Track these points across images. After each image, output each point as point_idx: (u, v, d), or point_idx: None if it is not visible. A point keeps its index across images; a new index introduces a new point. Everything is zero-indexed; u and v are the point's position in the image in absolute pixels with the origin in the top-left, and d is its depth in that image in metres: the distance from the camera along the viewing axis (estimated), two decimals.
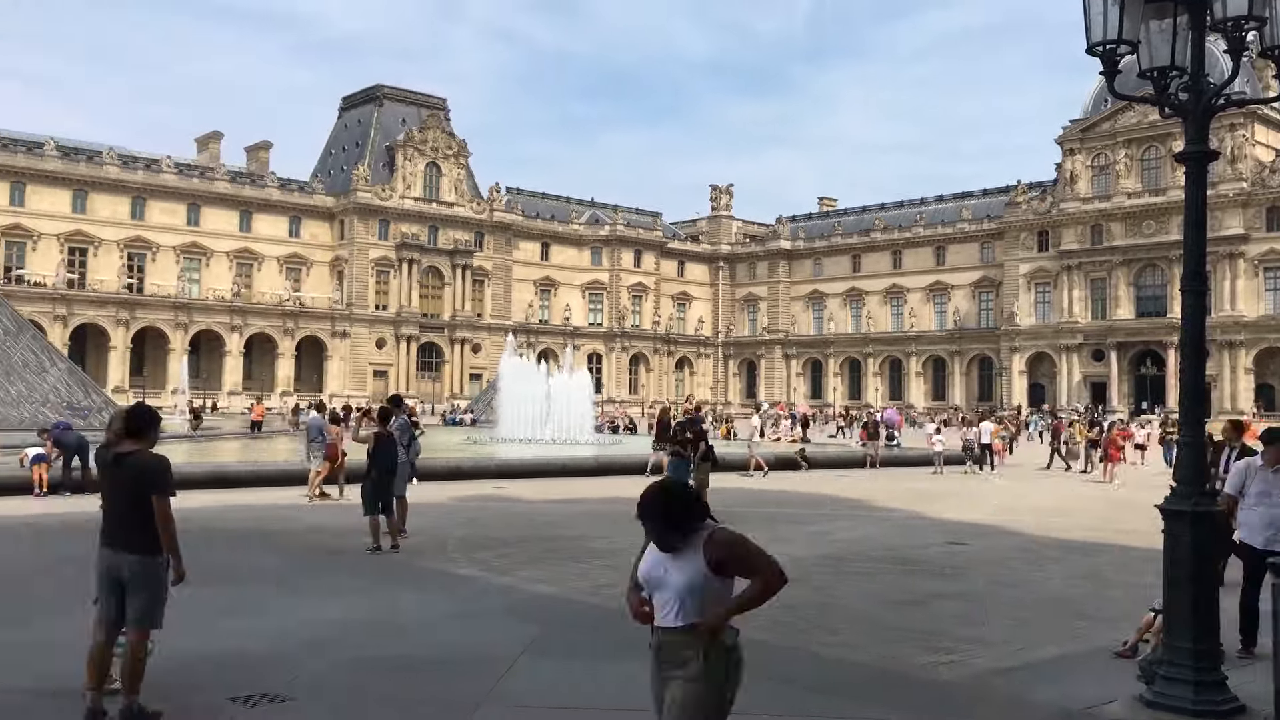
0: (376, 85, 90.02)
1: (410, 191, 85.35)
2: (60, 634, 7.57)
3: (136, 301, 73.75)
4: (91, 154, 75.91)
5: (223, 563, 11.35)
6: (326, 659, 7.25)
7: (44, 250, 71.78)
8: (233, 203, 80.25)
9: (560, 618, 8.85)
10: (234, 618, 8.58)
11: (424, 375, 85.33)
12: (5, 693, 6.39)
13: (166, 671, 6.86)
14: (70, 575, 8.92)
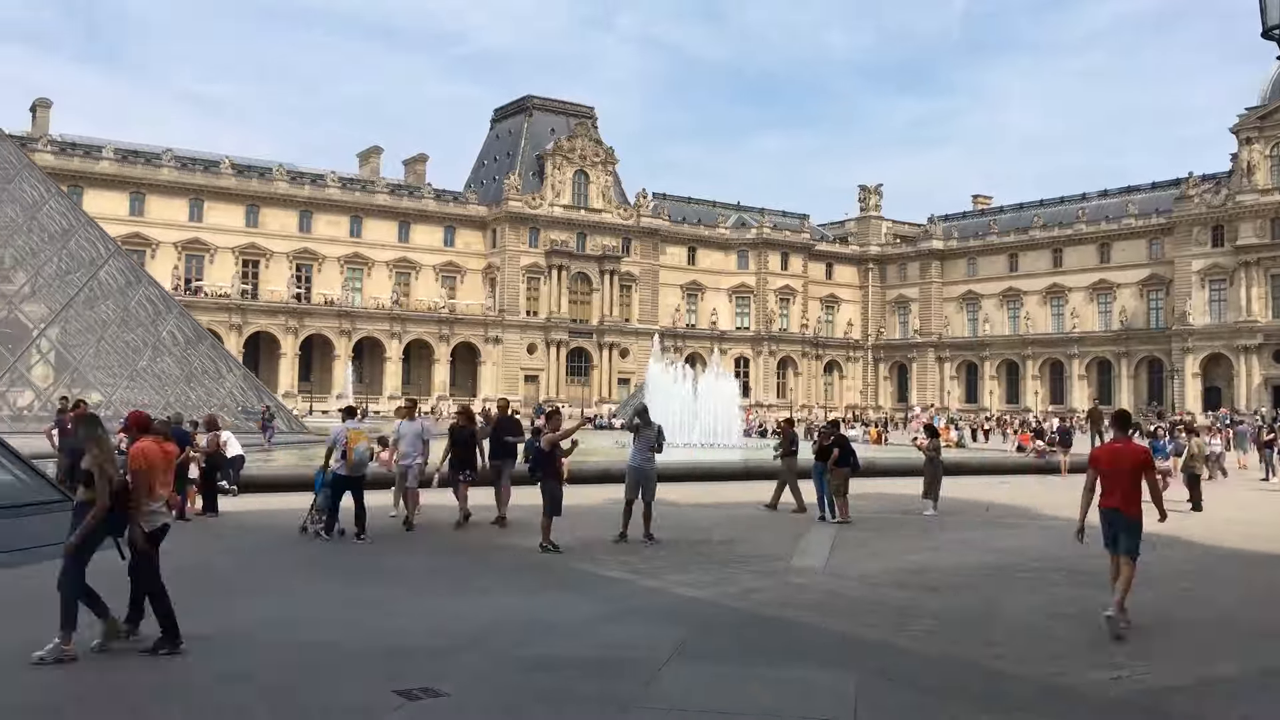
0: (527, 96, 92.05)
1: (559, 199, 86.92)
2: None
3: (304, 310, 77.43)
4: (263, 171, 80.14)
5: (385, 562, 11.77)
6: (482, 655, 7.42)
7: (220, 263, 76.13)
8: (392, 214, 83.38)
9: (709, 622, 8.82)
10: (397, 613, 8.87)
11: (573, 380, 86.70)
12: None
13: (334, 662, 7.14)
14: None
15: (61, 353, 33.77)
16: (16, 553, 10.42)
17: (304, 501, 14.53)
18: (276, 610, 8.96)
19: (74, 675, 6.78)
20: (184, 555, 11.72)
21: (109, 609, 7.31)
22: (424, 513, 15.12)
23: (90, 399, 33.73)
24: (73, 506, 7.48)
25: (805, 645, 8.02)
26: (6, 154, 32.20)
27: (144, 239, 72.29)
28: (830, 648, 7.95)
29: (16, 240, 32.79)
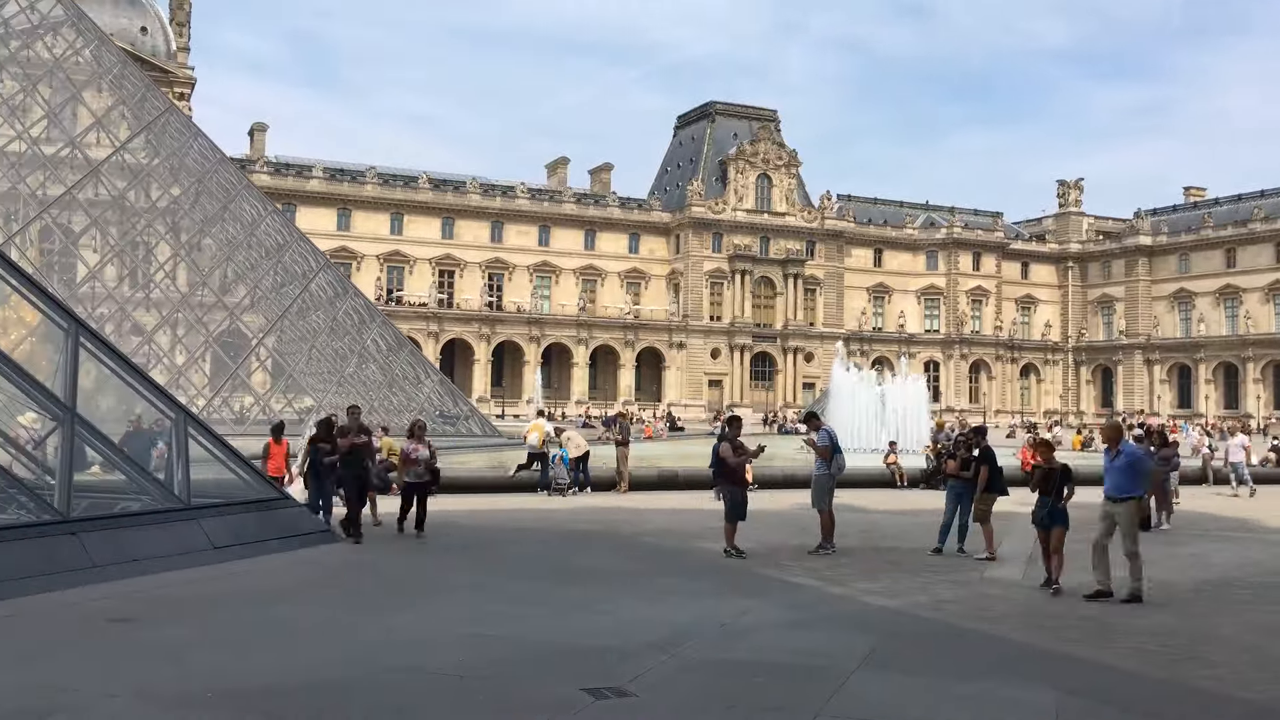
0: (709, 102, 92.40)
1: (742, 204, 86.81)
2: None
3: (496, 318, 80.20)
4: (457, 185, 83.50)
5: (574, 562, 12.02)
6: (669, 658, 7.46)
7: (419, 274, 79.79)
8: (578, 223, 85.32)
9: (899, 631, 8.59)
10: (586, 613, 9.04)
11: (757, 384, 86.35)
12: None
13: (524, 658, 7.35)
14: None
15: (277, 360, 36.12)
16: (248, 545, 11.22)
17: (499, 503, 15.05)
18: (470, 607, 9.29)
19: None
20: (387, 554, 12.31)
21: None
22: (603, 514, 15.37)
23: (303, 403, 35.99)
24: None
25: (1001, 659, 7.70)
26: (228, 176, 34.71)
27: (350, 252, 76.54)
28: (1028, 663, 7.61)
29: (237, 256, 35.31)
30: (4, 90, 33.28)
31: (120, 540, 10.19)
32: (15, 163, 33.69)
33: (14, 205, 34.39)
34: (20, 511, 9.94)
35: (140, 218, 35.29)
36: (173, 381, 30.94)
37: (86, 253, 35.09)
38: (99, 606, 8.64)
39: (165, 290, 36.74)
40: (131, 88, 33.84)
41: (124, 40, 61.47)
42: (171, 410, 11.85)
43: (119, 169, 32.93)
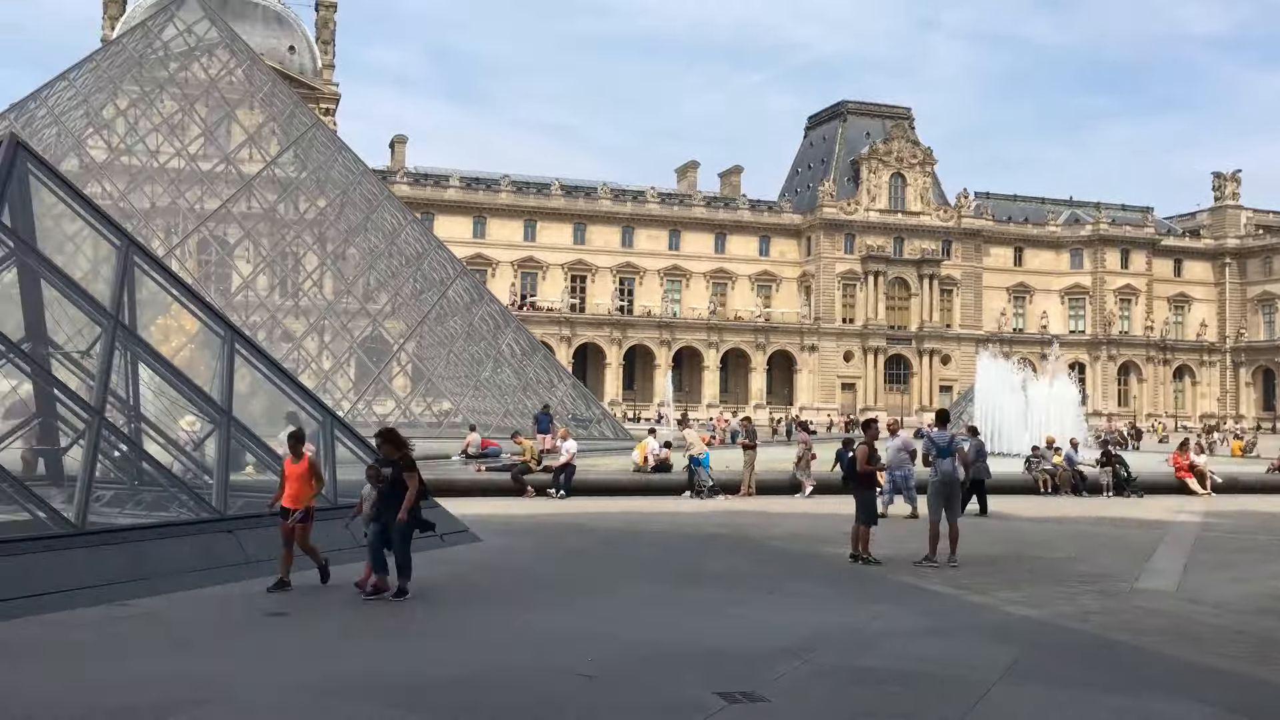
0: (841, 101, 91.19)
1: (875, 204, 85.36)
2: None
3: (627, 322, 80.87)
4: (588, 191, 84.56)
5: (704, 565, 12.03)
6: (802, 664, 7.40)
7: (551, 279, 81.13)
8: (708, 226, 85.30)
9: (1042, 643, 8.30)
10: (716, 617, 9.04)
11: (892, 387, 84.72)
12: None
13: (656, 660, 7.39)
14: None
15: (417, 365, 37.26)
16: None
17: (630, 505, 15.13)
18: (601, 608, 9.39)
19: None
20: (523, 556, 12.55)
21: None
22: (731, 518, 15.31)
23: (441, 407, 37.02)
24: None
25: (1152, 673, 7.36)
26: (371, 187, 36.00)
27: (485, 259, 78.34)
28: (1181, 677, 7.26)
29: (379, 264, 36.56)
30: (164, 110, 35.30)
31: (272, 537, 10.67)
32: (175, 179, 35.68)
33: (174, 219, 36.42)
34: (181, 509, 10.52)
35: (289, 229, 36.93)
36: (320, 385, 32.22)
37: (240, 263, 36.92)
38: (255, 601, 9.07)
39: (313, 298, 38.32)
40: (281, 105, 35.44)
41: (273, 59, 64.42)
42: (319, 413, 12.35)
43: (270, 183, 34.54)
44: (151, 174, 35.47)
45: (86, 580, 8.72)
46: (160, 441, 11.45)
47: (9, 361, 10.04)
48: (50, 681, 6.52)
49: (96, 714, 5.91)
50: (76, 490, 9.47)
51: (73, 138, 33.23)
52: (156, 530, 10.09)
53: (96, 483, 9.73)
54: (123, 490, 11.44)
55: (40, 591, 8.32)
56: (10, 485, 9.24)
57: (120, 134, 35.06)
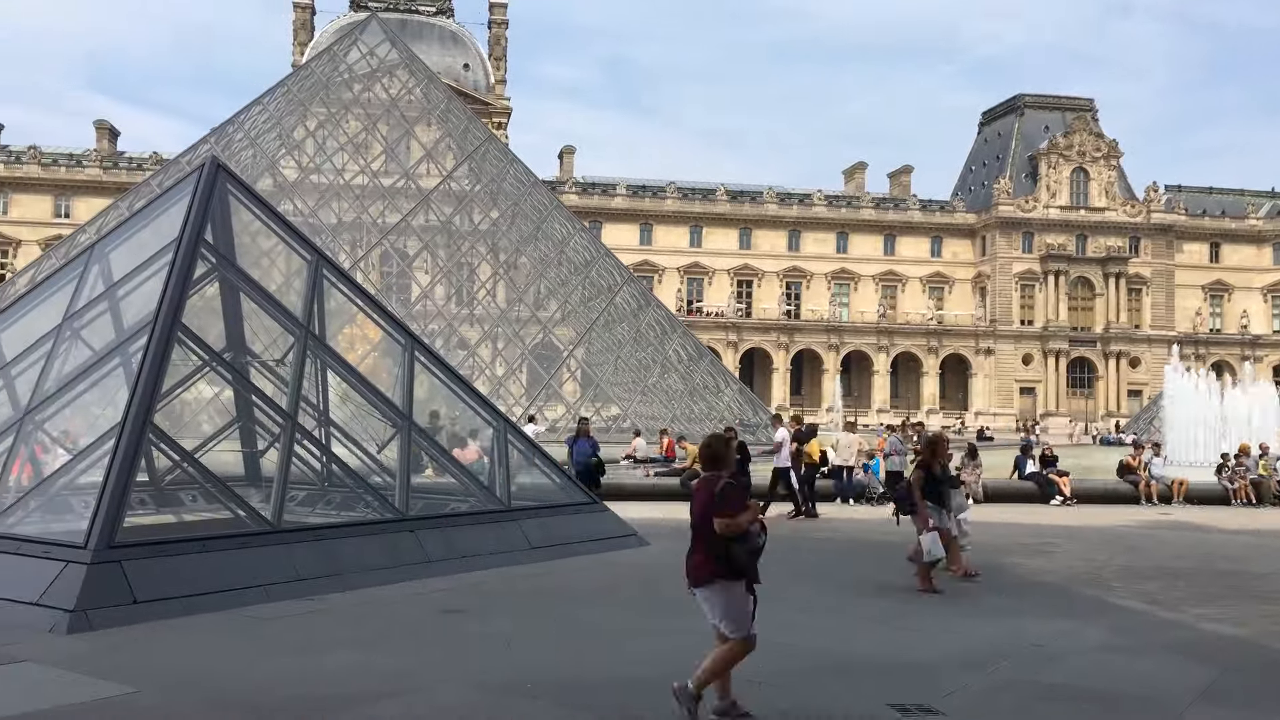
0: (1017, 95, 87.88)
1: (1054, 200, 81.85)
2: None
3: (794, 326, 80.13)
4: (754, 195, 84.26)
5: (874, 573, 11.78)
6: (982, 677, 7.15)
7: (717, 284, 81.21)
8: (877, 228, 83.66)
9: (1244, 663, 7.76)
10: (888, 627, 8.84)
11: (1074, 392, 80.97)
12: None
13: (824, 670, 7.28)
14: None
15: (586, 371, 37.93)
16: (561, 546, 11.88)
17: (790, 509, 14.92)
18: (767, 615, 9.30)
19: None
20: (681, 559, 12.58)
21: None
22: (909, 526, 14.89)
23: (609, 412, 37.56)
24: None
25: None
26: (541, 198, 36.94)
27: (651, 265, 79.11)
28: None
29: (549, 272, 37.45)
30: (349, 130, 37.20)
31: (451, 538, 11.07)
32: (359, 195, 37.53)
33: (359, 233, 38.28)
34: (367, 510, 11.03)
35: (464, 240, 38.25)
36: (493, 392, 33.24)
37: (419, 274, 38.48)
38: (434, 598, 9.42)
39: (486, 306, 39.58)
40: (456, 121, 36.79)
41: (449, 77, 66.90)
42: (493, 419, 12.74)
43: (446, 196, 35.90)
44: (338, 191, 37.43)
45: (282, 575, 9.25)
46: (347, 444, 12.04)
47: (212, 369, 10.75)
48: (256, 670, 6.95)
49: (300, 702, 6.26)
50: (273, 490, 10.05)
51: (267, 158, 35.40)
52: (345, 529, 10.61)
53: (290, 483, 10.31)
54: (313, 490, 12.07)
55: (241, 585, 8.88)
56: (214, 485, 9.89)
57: (309, 154, 37.15)
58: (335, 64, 36.67)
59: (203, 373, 10.69)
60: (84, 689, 6.32)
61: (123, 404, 9.18)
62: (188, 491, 11.81)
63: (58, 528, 9.26)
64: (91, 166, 75.20)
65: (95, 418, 10.31)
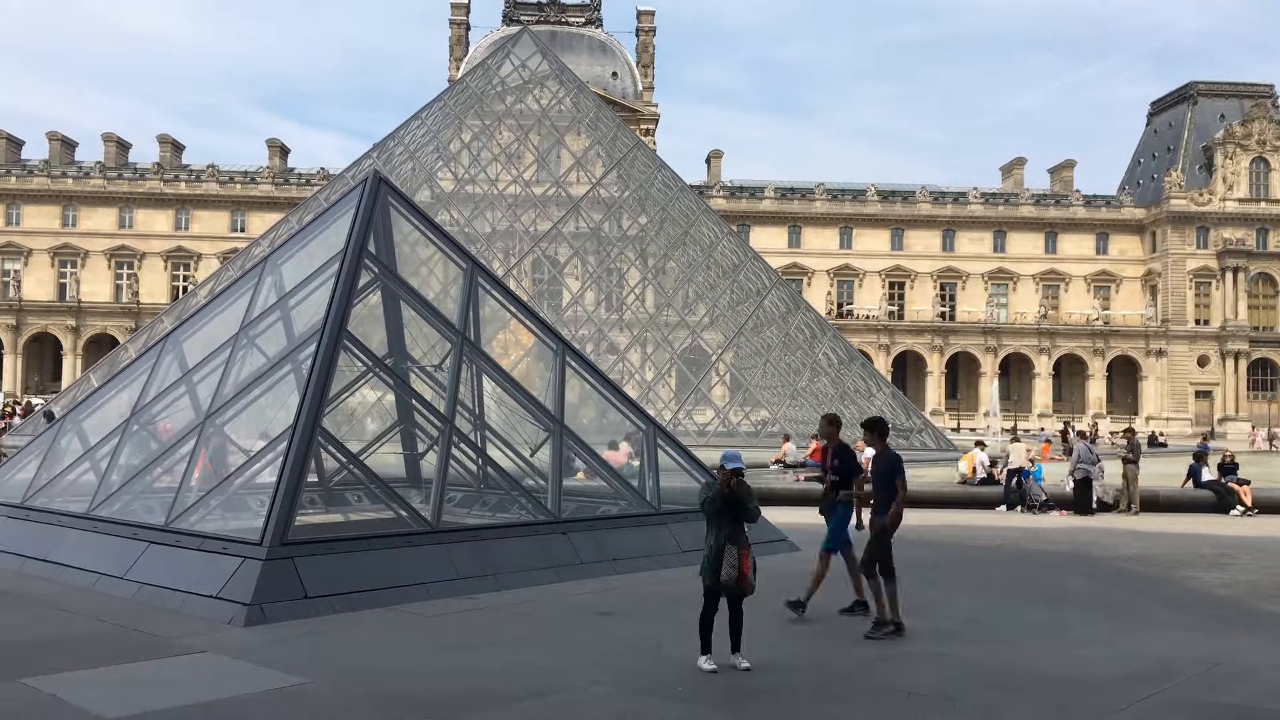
0: (1189, 83, 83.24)
1: (1232, 193, 77.13)
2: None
3: (949, 328, 77.92)
4: (906, 195, 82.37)
5: (1042, 584, 11.35)
6: (1153, 695, 6.79)
7: (868, 286, 79.72)
8: (1037, 225, 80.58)
9: None
10: (1056, 639, 8.50)
11: (1256, 396, 76.08)
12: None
13: (989, 682, 7.04)
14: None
15: (735, 375, 37.85)
16: None
17: (955, 519, 14.55)
18: (939, 624, 9.07)
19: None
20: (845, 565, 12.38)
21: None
22: (1068, 535, 14.31)
23: (758, 416, 37.36)
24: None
25: None
26: (689, 203, 37.06)
27: (800, 268, 78.32)
28: None
29: (697, 277, 37.53)
30: (502, 141, 38.18)
31: (602, 540, 11.22)
32: (512, 204, 38.48)
33: (511, 241, 39.24)
34: (520, 512, 11.29)
35: (613, 246, 38.73)
36: (643, 396, 33.52)
37: (570, 280, 39.16)
38: (587, 600, 9.55)
39: (635, 312, 39.95)
40: (605, 129, 37.29)
41: (598, 86, 67.92)
42: (643, 423, 12.84)
43: (595, 203, 36.43)
44: (491, 200, 38.46)
45: (441, 574, 9.55)
46: (501, 447, 12.35)
47: (375, 375, 11.20)
48: (419, 665, 7.20)
49: (460, 698, 6.46)
50: (432, 491, 10.40)
51: (425, 171, 36.68)
52: (500, 530, 10.89)
53: (447, 485, 10.63)
54: (470, 492, 12.43)
55: (403, 583, 9.22)
56: (377, 486, 10.29)
57: (465, 165, 38.31)
58: (488, 77, 37.71)
59: (366, 378, 11.15)
60: (260, 679, 6.67)
61: (294, 408, 9.66)
62: (353, 492, 12.35)
63: (235, 525, 9.82)
64: (264, 183, 79.45)
65: (269, 421, 10.87)
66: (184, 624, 8.04)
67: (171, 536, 9.42)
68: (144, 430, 11.72)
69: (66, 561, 9.95)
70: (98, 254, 77.44)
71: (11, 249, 77.38)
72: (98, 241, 77.45)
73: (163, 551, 9.31)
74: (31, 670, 6.65)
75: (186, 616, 8.26)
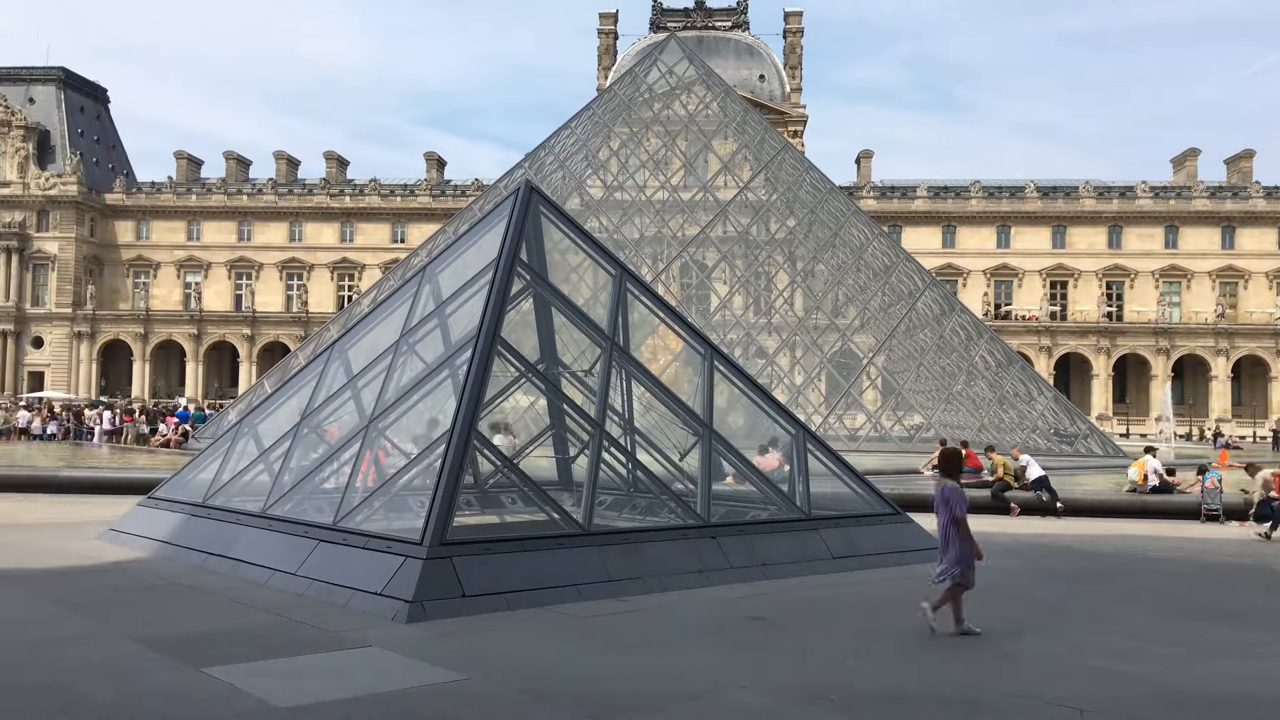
0: None
1: None
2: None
3: (1115, 329, 74.37)
4: (1068, 190, 79.10)
5: (1220, 599, 10.73)
6: None
7: (1027, 286, 76.87)
8: (1212, 219, 76.14)
9: None
10: (1234, 659, 8.02)
11: None
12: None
13: (1155, 701, 6.69)
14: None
15: (886, 379, 37.08)
16: (863, 558, 11.69)
17: (1124, 528, 13.88)
18: (1094, 639, 8.68)
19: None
20: (1004, 576, 12.00)
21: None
22: (1248, 547, 13.44)
23: (912, 421, 36.51)
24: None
25: None
26: (838, 204, 36.53)
27: (955, 269, 76.15)
28: None
29: (847, 279, 36.94)
30: (650, 147, 38.49)
31: (751, 545, 11.16)
32: (660, 209, 38.73)
33: (659, 247, 39.49)
34: (670, 515, 11.34)
35: (761, 250, 38.54)
36: (792, 400, 33.21)
37: (718, 284, 39.14)
38: (736, 604, 9.53)
39: (784, 315, 39.62)
40: (752, 132, 37.17)
41: (744, 89, 67.76)
42: (792, 427, 12.72)
43: (742, 207, 36.32)
44: (640, 206, 38.81)
45: (593, 576, 9.69)
46: (650, 451, 12.44)
47: (528, 380, 11.45)
48: (573, 665, 7.33)
49: (613, 698, 6.54)
50: (583, 495, 10.56)
51: (575, 179, 37.29)
52: (650, 533, 10.97)
53: (598, 488, 10.78)
54: (620, 496, 12.56)
55: (556, 584, 9.39)
56: (531, 489, 10.52)
57: (613, 172, 38.77)
58: (636, 85, 38.08)
59: (519, 383, 11.40)
60: (421, 674, 6.90)
61: (451, 412, 9.97)
62: (507, 494, 12.64)
63: (398, 525, 10.20)
64: (422, 195, 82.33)
65: (427, 425, 11.25)
66: (350, 619, 8.40)
67: (339, 535, 9.85)
68: (313, 434, 12.30)
69: (243, 558, 10.53)
70: (270, 266, 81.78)
71: (193, 263, 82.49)
72: (270, 254, 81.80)
73: (331, 549, 9.74)
74: (212, 660, 7.06)
75: (353, 612, 8.62)
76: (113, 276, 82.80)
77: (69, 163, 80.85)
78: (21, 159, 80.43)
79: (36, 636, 7.81)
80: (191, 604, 9.18)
